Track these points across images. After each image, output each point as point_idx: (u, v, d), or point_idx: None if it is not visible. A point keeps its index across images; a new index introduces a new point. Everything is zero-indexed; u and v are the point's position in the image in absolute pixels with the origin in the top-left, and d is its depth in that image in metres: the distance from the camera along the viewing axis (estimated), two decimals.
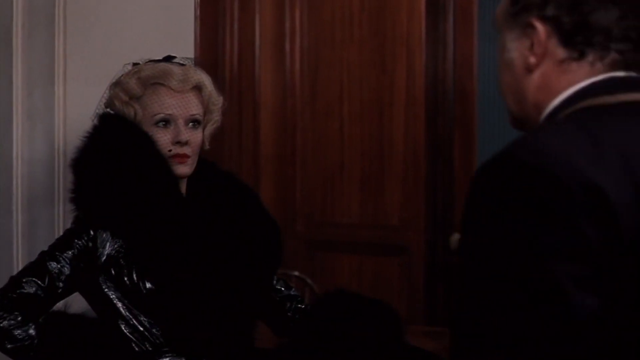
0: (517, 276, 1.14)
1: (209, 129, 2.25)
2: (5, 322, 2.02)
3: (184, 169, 2.15)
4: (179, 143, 2.13)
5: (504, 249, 1.15)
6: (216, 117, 2.25)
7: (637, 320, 1.15)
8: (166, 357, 2.10)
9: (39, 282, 2.06)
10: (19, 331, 2.02)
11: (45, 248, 2.14)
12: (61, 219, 2.84)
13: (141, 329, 2.10)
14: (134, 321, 2.10)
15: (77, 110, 2.83)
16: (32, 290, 2.06)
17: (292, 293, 2.42)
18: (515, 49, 1.35)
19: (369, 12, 3.41)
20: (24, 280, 2.07)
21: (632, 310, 1.15)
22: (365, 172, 3.45)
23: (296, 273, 3.31)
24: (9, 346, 2.03)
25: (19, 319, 2.02)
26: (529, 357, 1.13)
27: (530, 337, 1.13)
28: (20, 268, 2.30)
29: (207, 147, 2.25)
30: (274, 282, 2.37)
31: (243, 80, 3.55)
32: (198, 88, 2.19)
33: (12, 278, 2.10)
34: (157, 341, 2.10)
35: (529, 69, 1.33)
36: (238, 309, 2.18)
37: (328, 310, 2.21)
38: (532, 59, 1.32)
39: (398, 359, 2.18)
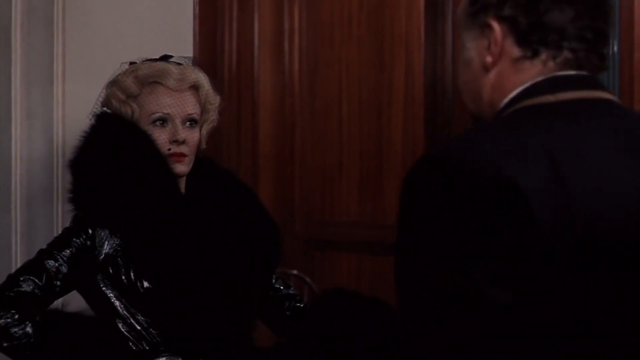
0: (437, 273, 1.18)
1: (206, 128, 2.25)
2: (2, 321, 2.02)
3: (181, 168, 2.15)
4: (176, 142, 2.14)
5: (426, 247, 1.20)
6: (213, 116, 2.26)
7: (552, 313, 1.19)
8: (163, 356, 2.10)
9: (37, 280, 2.06)
10: (15, 329, 2.02)
11: (44, 246, 2.14)
12: (60, 217, 2.84)
13: (138, 328, 2.10)
14: (132, 320, 2.10)
15: (76, 109, 2.82)
16: (29, 288, 2.05)
17: (291, 292, 2.42)
18: (474, 48, 1.37)
19: (367, 12, 3.40)
20: (21, 278, 2.07)
21: (547, 304, 1.18)
22: (364, 171, 3.45)
23: (295, 272, 3.31)
24: (5, 344, 2.03)
25: (16, 317, 2.02)
26: (453, 349, 1.17)
27: (453, 332, 1.17)
28: (18, 266, 2.30)
29: (204, 146, 2.26)
30: (273, 281, 2.37)
31: (242, 79, 3.55)
32: (195, 87, 2.19)
33: (9, 276, 2.10)
34: (155, 340, 2.10)
35: (486, 68, 1.36)
36: (236, 308, 2.18)
37: (327, 310, 2.21)
38: (489, 58, 1.35)
39: (397, 358, 2.18)
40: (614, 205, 1.22)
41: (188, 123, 2.17)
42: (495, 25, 1.33)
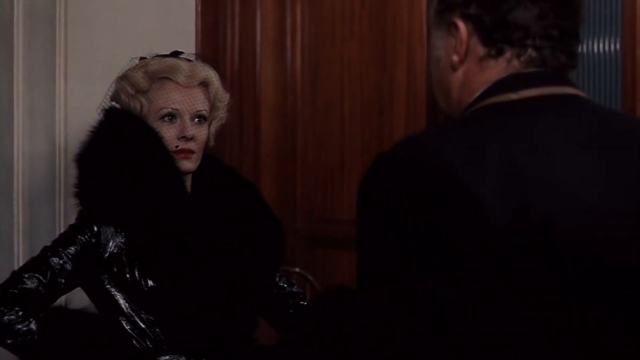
0: (385, 274, 1.19)
1: (215, 125, 2.25)
2: (5, 318, 2.02)
3: (188, 165, 2.14)
4: (184, 138, 2.13)
5: (375, 248, 1.20)
6: (222, 114, 2.25)
7: (504, 312, 1.18)
8: (166, 354, 2.10)
9: (41, 277, 2.06)
10: (19, 326, 2.02)
11: (47, 244, 2.14)
12: (62, 215, 2.83)
13: (142, 325, 2.10)
14: (135, 318, 2.10)
15: (78, 106, 2.82)
16: (33, 285, 2.05)
17: (295, 290, 2.42)
18: (442, 47, 1.37)
19: (369, 9, 3.40)
20: (25, 275, 2.06)
21: (498, 303, 1.17)
22: (366, 168, 3.45)
23: (297, 270, 3.32)
24: (9, 341, 2.03)
25: (20, 314, 2.02)
26: (405, 350, 1.17)
27: (403, 332, 1.17)
28: (20, 264, 2.30)
29: (212, 143, 2.25)
30: (277, 279, 2.37)
31: (243, 77, 3.55)
32: (205, 84, 2.19)
33: (13, 273, 2.10)
34: (158, 338, 2.10)
35: (454, 67, 1.35)
36: (240, 307, 2.18)
37: (330, 307, 2.21)
38: (456, 57, 1.34)
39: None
40: (572, 205, 1.20)
41: (197, 119, 2.16)
42: (461, 24, 1.32)
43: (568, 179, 1.22)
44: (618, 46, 2.75)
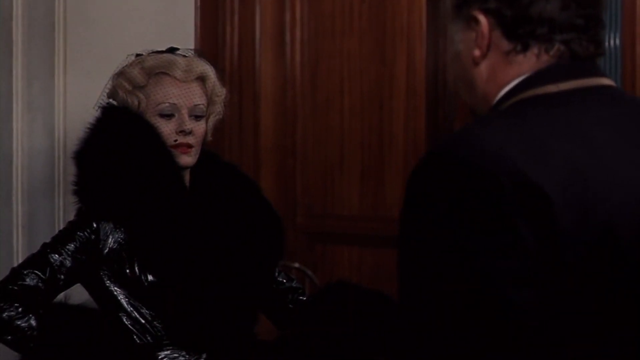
0: (453, 275, 1.14)
1: (212, 120, 2.25)
2: (5, 314, 2.02)
3: (187, 159, 2.14)
4: (182, 132, 2.13)
5: (440, 248, 1.15)
6: (219, 108, 2.25)
7: (574, 310, 1.16)
8: (167, 349, 2.10)
9: (40, 274, 2.06)
10: (19, 322, 2.02)
11: (46, 240, 2.14)
12: (61, 210, 2.83)
13: (142, 321, 2.10)
14: (136, 313, 2.10)
15: (77, 101, 2.82)
16: (33, 282, 2.05)
17: (294, 285, 2.42)
18: (461, 41, 1.34)
19: (369, 4, 3.40)
20: (25, 272, 2.06)
21: (568, 301, 1.16)
22: (366, 164, 3.45)
23: (296, 265, 3.31)
24: (9, 337, 2.03)
25: (20, 310, 2.02)
26: (472, 352, 1.14)
27: (471, 334, 1.13)
28: (20, 260, 2.30)
29: (210, 138, 2.25)
30: (276, 274, 2.37)
31: (243, 72, 3.54)
32: (202, 79, 2.19)
33: (13, 270, 2.10)
34: (159, 333, 2.10)
35: (475, 62, 1.32)
36: (240, 302, 2.18)
37: (329, 302, 2.21)
38: (477, 52, 1.31)
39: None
40: (632, 201, 1.19)
41: (194, 114, 2.16)
42: (482, 18, 1.29)
43: (622, 172, 1.20)
44: (618, 42, 2.74)
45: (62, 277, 2.07)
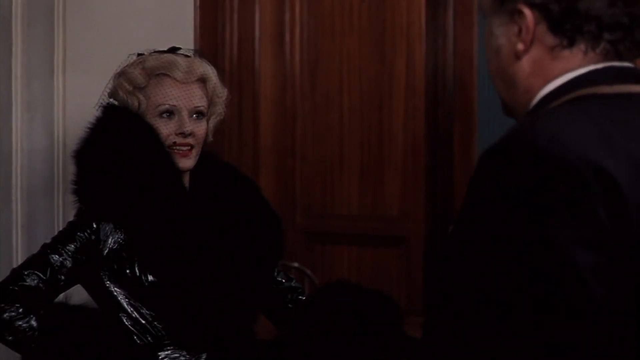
0: (530, 265, 1.13)
1: (213, 121, 2.24)
2: (6, 314, 2.02)
3: (187, 162, 2.14)
4: (182, 134, 2.13)
5: (517, 235, 1.14)
6: (220, 109, 2.25)
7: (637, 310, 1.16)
8: (167, 349, 2.10)
9: (41, 274, 2.06)
10: (20, 323, 2.02)
11: (45, 239, 2.14)
12: (61, 210, 2.83)
13: (143, 321, 2.10)
14: (136, 314, 2.10)
15: (77, 101, 2.82)
16: (33, 283, 2.05)
17: (293, 285, 2.42)
18: (503, 34, 1.33)
19: (368, 3, 3.40)
20: (25, 272, 2.06)
21: (633, 299, 1.15)
22: (365, 163, 3.45)
23: (295, 265, 3.32)
24: (10, 338, 2.03)
25: (20, 310, 2.02)
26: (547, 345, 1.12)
27: (544, 329, 1.12)
28: (19, 259, 2.30)
29: (210, 139, 2.25)
30: (275, 274, 2.37)
31: (242, 71, 3.54)
32: (203, 80, 2.19)
33: (13, 270, 2.10)
34: (159, 334, 2.10)
35: (518, 56, 1.32)
36: (239, 302, 2.18)
37: (328, 302, 2.21)
38: (520, 46, 1.31)
39: (397, 350, 2.18)
40: None
41: (195, 115, 2.16)
42: (527, 12, 1.29)
43: None
44: None
45: (63, 277, 2.07)
